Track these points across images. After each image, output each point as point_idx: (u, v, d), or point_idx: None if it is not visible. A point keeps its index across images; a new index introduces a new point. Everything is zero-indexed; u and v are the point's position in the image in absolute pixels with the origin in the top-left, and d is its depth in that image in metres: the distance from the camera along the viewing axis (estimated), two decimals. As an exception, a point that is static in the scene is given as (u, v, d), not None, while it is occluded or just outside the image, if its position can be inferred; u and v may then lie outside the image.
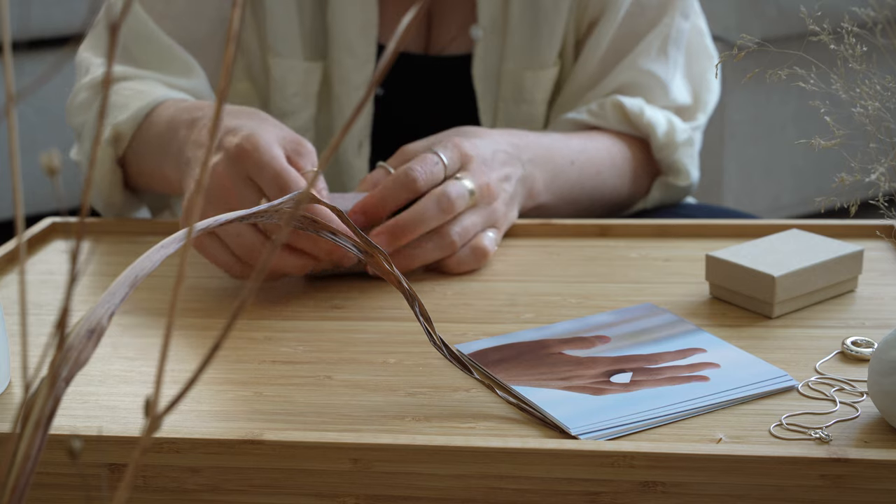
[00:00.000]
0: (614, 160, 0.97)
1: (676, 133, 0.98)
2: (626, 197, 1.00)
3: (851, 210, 0.61)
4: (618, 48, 0.99)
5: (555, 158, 0.91)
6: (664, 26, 0.99)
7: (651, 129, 0.97)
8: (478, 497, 0.54)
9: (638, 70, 0.99)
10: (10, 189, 2.09)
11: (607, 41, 0.99)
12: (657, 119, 0.98)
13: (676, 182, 1.00)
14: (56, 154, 0.27)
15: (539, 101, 1.01)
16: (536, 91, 1.00)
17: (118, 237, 0.92)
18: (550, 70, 1.00)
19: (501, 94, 1.01)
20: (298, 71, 1.00)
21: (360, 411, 0.60)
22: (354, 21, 0.99)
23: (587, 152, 0.95)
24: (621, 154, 0.98)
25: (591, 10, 0.99)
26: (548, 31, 0.99)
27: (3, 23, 0.29)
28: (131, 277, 0.41)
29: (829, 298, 0.73)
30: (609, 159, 0.97)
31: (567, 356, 0.65)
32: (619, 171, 0.98)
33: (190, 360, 0.67)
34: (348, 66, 1.00)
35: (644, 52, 0.99)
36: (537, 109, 1.01)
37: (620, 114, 0.97)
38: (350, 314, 0.74)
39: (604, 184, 0.96)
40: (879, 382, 0.55)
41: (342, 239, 0.58)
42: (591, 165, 0.95)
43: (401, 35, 0.28)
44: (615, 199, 0.99)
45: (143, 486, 0.56)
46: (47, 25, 2.05)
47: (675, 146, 0.98)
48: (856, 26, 0.59)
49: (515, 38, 0.99)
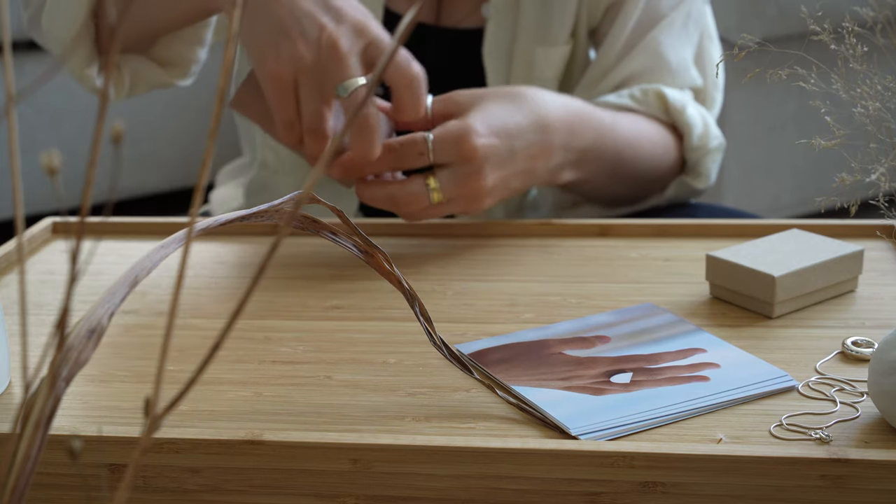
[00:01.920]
0: (655, 149, 0.98)
1: (710, 138, 1.00)
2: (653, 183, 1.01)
3: (851, 210, 0.61)
4: (641, 27, 1.01)
5: (603, 145, 0.92)
6: (686, 5, 1.01)
7: (689, 128, 0.99)
8: (478, 497, 0.54)
9: (659, 50, 1.00)
10: (10, 189, 2.09)
11: (633, 22, 1.00)
12: (695, 119, 0.99)
13: (695, 184, 1.01)
14: (56, 154, 0.27)
15: (549, 78, 1.01)
16: (547, 68, 1.01)
17: (118, 237, 0.92)
18: (562, 48, 1.01)
19: (512, 71, 1.02)
20: None
21: (360, 411, 0.60)
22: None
23: (635, 135, 0.96)
24: (663, 144, 0.99)
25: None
26: (559, 9, 0.99)
27: (3, 23, 0.29)
28: (131, 277, 0.41)
29: (829, 298, 0.73)
30: (650, 146, 0.98)
31: (567, 356, 0.65)
32: (657, 158, 0.99)
33: (190, 360, 0.67)
34: None
35: (666, 29, 1.01)
36: (547, 87, 1.02)
37: (662, 104, 0.99)
38: (350, 314, 0.74)
39: (641, 170, 0.97)
40: (880, 382, 0.55)
41: (342, 239, 0.58)
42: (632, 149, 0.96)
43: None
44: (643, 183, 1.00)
45: (143, 487, 0.56)
46: (47, 25, 2.04)
47: (707, 150, 1.00)
48: (856, 26, 0.59)
49: (527, 16, 1.00)
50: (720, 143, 1.01)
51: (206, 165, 0.31)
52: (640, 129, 0.97)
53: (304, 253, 0.86)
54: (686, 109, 0.99)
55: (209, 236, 0.90)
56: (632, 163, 0.96)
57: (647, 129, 0.98)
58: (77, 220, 0.54)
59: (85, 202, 0.29)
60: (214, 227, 0.49)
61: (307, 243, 0.87)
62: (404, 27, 0.29)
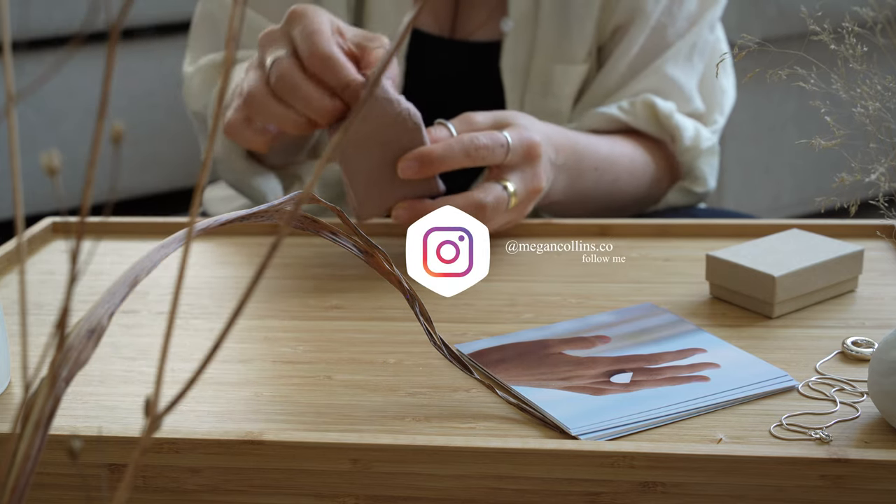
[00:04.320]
0: (634, 169, 0.99)
1: (702, 140, 1.01)
2: (638, 203, 1.01)
3: (851, 210, 0.61)
4: (646, 54, 1.01)
5: (581, 165, 0.93)
6: (692, 35, 1.01)
7: (678, 131, 0.99)
8: (478, 497, 0.54)
9: (664, 76, 1.01)
10: (10, 189, 2.09)
11: (637, 48, 1.00)
12: (685, 124, 1.00)
13: (693, 188, 1.01)
14: (56, 154, 0.27)
15: (566, 95, 1.02)
16: (565, 85, 1.01)
17: (118, 237, 0.92)
18: (580, 66, 1.01)
19: (529, 86, 1.02)
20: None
21: (360, 411, 0.60)
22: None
23: (611, 158, 0.96)
24: (643, 163, 1.00)
25: (617, 15, 1.00)
26: (578, 27, 0.99)
27: (3, 23, 0.29)
28: (131, 277, 0.41)
29: (829, 298, 0.73)
30: (629, 168, 0.98)
31: (567, 356, 0.65)
32: (637, 180, 0.99)
33: (190, 360, 0.67)
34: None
35: (672, 59, 1.01)
36: (563, 104, 1.02)
37: (651, 113, 0.99)
38: (350, 314, 0.74)
39: (620, 191, 0.98)
40: (880, 382, 0.55)
41: (342, 239, 0.58)
42: (611, 173, 0.96)
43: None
44: (627, 205, 1.01)
45: (143, 487, 0.56)
46: (47, 25, 2.05)
47: (699, 151, 1.00)
48: (856, 26, 0.59)
49: (545, 32, 1.00)
50: (712, 146, 1.01)
51: (206, 165, 0.31)
52: (617, 147, 0.97)
53: (304, 253, 0.86)
54: (674, 115, 0.99)
55: (209, 236, 0.90)
56: (612, 181, 0.96)
57: (623, 147, 0.98)
58: (77, 220, 0.54)
59: (85, 202, 0.29)
60: (214, 227, 0.49)
61: (307, 243, 0.87)
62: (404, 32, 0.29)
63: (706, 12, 1.02)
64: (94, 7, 0.27)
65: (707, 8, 1.02)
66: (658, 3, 1.00)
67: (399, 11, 1.00)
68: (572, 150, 0.91)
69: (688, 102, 1.02)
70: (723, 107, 1.06)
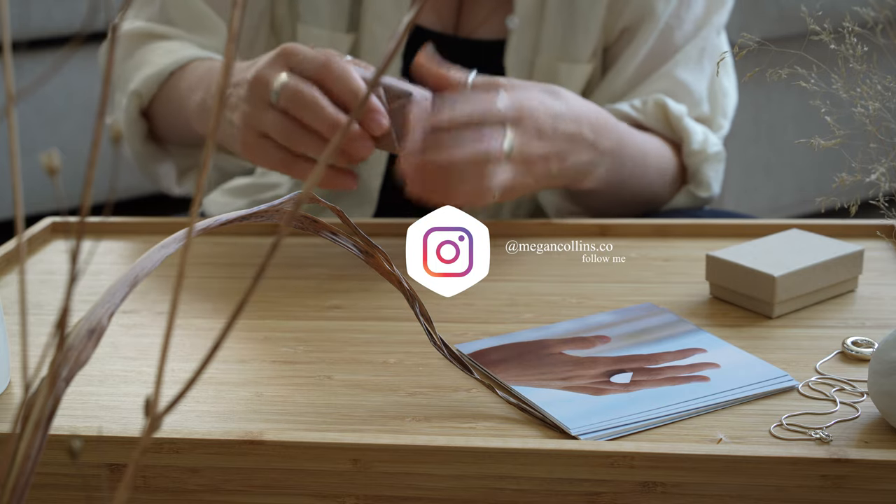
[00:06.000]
0: (661, 164, 0.99)
1: (709, 145, 1.01)
2: (656, 201, 1.01)
3: (851, 210, 0.61)
4: (654, 57, 1.01)
5: (623, 152, 0.92)
6: (701, 39, 1.02)
7: (687, 134, 0.99)
8: (478, 497, 0.54)
9: (674, 80, 1.01)
10: (10, 189, 2.09)
11: (645, 50, 1.00)
12: (695, 128, 1.00)
13: (698, 192, 1.01)
14: (56, 154, 0.27)
15: None
16: (569, 84, 1.01)
17: (118, 237, 0.92)
18: (585, 66, 1.01)
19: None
20: (324, 41, 1.00)
21: (360, 411, 0.60)
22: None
23: (645, 150, 0.96)
24: (668, 159, 1.00)
25: (625, 16, 1.00)
26: (583, 26, 0.99)
27: (3, 23, 0.29)
28: (131, 277, 0.41)
29: (829, 298, 0.73)
30: (657, 164, 0.98)
31: (567, 356, 0.65)
32: (662, 177, 1.00)
33: (190, 360, 0.67)
34: (379, 37, 1.00)
35: (682, 62, 1.01)
36: None
37: (662, 114, 0.99)
38: (350, 314, 0.74)
39: (649, 185, 0.98)
40: (880, 382, 0.55)
41: (342, 239, 0.58)
42: (643, 166, 0.96)
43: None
44: (649, 200, 1.00)
45: (143, 486, 0.56)
46: (47, 25, 2.05)
47: (706, 156, 1.00)
48: (856, 26, 0.59)
49: (550, 30, 1.00)
50: (719, 151, 1.01)
51: (206, 165, 0.31)
52: (649, 141, 0.98)
53: (304, 253, 0.86)
54: (684, 118, 0.99)
55: (209, 236, 0.90)
56: (643, 175, 0.96)
57: (654, 142, 0.98)
58: (77, 220, 0.54)
59: (85, 202, 0.29)
60: (214, 227, 0.49)
61: (307, 243, 0.87)
62: (405, 31, 0.29)
63: (712, 16, 1.02)
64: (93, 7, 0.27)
65: (713, 12, 1.02)
66: (668, 5, 1.00)
67: (398, 10, 1.00)
68: (615, 135, 0.91)
69: (697, 106, 1.02)
70: (726, 109, 1.05)
